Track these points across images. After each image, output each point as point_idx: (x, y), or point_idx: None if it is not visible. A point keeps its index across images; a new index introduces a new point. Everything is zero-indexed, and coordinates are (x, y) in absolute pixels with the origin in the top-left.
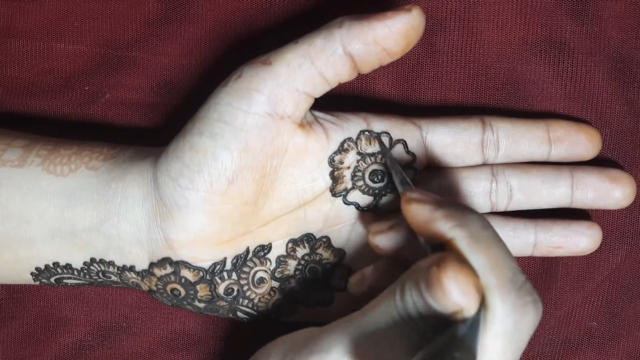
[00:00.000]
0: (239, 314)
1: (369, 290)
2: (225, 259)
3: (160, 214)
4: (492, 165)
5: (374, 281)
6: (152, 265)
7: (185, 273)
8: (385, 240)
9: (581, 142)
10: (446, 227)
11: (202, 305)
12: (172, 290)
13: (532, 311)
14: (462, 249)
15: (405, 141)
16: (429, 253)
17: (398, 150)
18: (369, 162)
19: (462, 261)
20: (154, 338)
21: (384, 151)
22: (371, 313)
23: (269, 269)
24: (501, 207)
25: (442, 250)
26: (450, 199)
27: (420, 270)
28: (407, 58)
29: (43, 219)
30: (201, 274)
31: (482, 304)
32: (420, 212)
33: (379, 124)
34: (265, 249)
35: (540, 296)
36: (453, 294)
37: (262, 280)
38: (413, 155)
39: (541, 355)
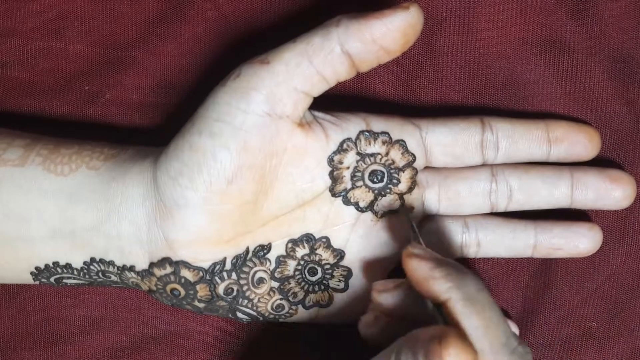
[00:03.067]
0: (239, 314)
1: (379, 333)
2: (225, 259)
3: (160, 214)
4: (491, 165)
5: (384, 325)
6: (152, 265)
7: (185, 273)
8: (390, 298)
9: (581, 143)
10: (443, 287)
11: (201, 305)
12: (172, 290)
13: None
14: (456, 311)
15: (404, 141)
16: (430, 311)
17: (397, 151)
18: (369, 162)
19: (463, 338)
20: (153, 338)
21: (404, 210)
22: None
23: (269, 269)
24: (501, 208)
25: (441, 309)
26: (450, 260)
27: (418, 339)
28: (407, 58)
29: (43, 219)
30: (201, 274)
31: None
32: (419, 268)
33: (378, 124)
34: (265, 249)
35: (531, 351)
36: None
37: (261, 280)
38: (412, 155)
39: (541, 355)
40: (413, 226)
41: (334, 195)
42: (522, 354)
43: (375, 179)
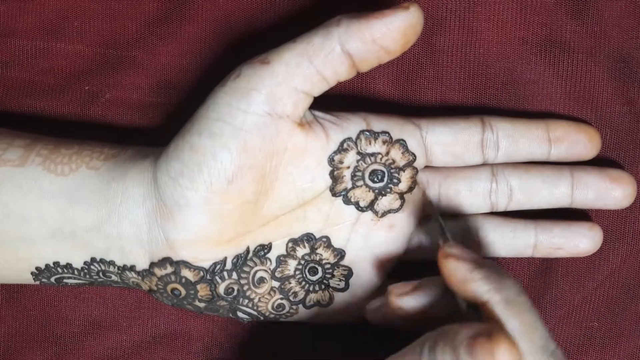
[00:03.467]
0: (239, 313)
1: (384, 320)
2: (225, 258)
3: (160, 214)
4: (492, 165)
5: (389, 313)
6: (152, 265)
7: (186, 273)
8: (412, 301)
9: (581, 142)
10: (483, 289)
11: (202, 305)
12: (173, 290)
13: None
14: (497, 312)
15: (405, 141)
16: (464, 310)
17: (398, 150)
18: (369, 162)
19: (510, 338)
20: (154, 338)
21: (433, 209)
22: None
23: (269, 269)
24: (501, 207)
25: (477, 309)
26: (487, 260)
27: (457, 334)
28: (407, 58)
29: (43, 219)
30: (201, 273)
31: None
32: (458, 269)
33: (378, 124)
34: (266, 248)
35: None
36: None
37: (262, 280)
38: (413, 155)
39: None
40: (442, 225)
41: (334, 194)
42: (559, 356)
43: (375, 179)
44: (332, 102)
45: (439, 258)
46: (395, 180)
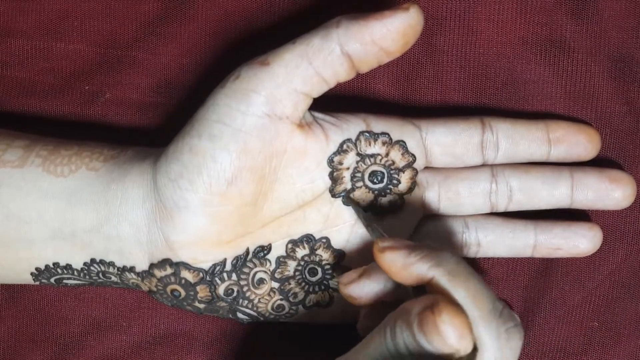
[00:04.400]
0: (239, 314)
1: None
2: (225, 260)
3: (160, 215)
4: (491, 165)
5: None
6: (152, 266)
7: (185, 274)
8: (358, 289)
9: (580, 143)
10: (424, 268)
11: (202, 306)
12: (172, 291)
13: (516, 336)
14: (443, 285)
15: (404, 142)
16: (411, 294)
17: (397, 151)
18: (369, 163)
19: (455, 304)
20: (154, 338)
21: (356, 207)
22: (363, 352)
23: (269, 270)
24: (501, 208)
25: (423, 290)
26: (421, 243)
27: (410, 312)
28: (407, 58)
29: (43, 220)
30: (201, 275)
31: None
32: (395, 259)
33: (378, 125)
34: (265, 249)
35: (521, 321)
36: (450, 339)
37: (261, 281)
38: (412, 155)
39: (542, 355)
40: (365, 217)
41: (334, 195)
42: (509, 315)
43: (375, 180)
44: (332, 102)
45: (375, 255)
46: (395, 181)
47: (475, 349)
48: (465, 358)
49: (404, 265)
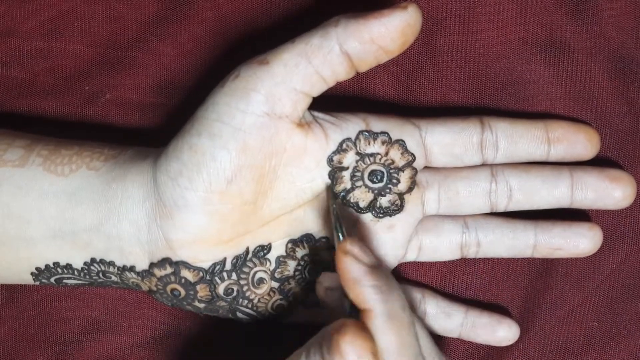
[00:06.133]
0: (239, 314)
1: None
2: (225, 259)
3: (160, 214)
4: (491, 165)
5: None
6: (152, 265)
7: (185, 273)
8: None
9: (580, 142)
10: (371, 297)
11: (202, 305)
12: (172, 290)
13: None
14: (376, 324)
15: (404, 141)
16: (346, 310)
17: (397, 151)
18: (368, 162)
19: (363, 328)
20: (154, 338)
21: (332, 197)
22: None
23: (269, 270)
24: (501, 208)
25: (358, 312)
26: (382, 267)
27: (324, 334)
28: (407, 58)
29: (44, 219)
30: (201, 274)
31: None
32: (352, 269)
33: (377, 124)
34: (265, 249)
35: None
36: (349, 357)
37: (261, 280)
38: (412, 155)
39: (542, 356)
40: (338, 217)
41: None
42: None
43: (374, 179)
44: (332, 102)
45: (337, 252)
46: (394, 181)
47: None
48: None
49: (356, 279)
